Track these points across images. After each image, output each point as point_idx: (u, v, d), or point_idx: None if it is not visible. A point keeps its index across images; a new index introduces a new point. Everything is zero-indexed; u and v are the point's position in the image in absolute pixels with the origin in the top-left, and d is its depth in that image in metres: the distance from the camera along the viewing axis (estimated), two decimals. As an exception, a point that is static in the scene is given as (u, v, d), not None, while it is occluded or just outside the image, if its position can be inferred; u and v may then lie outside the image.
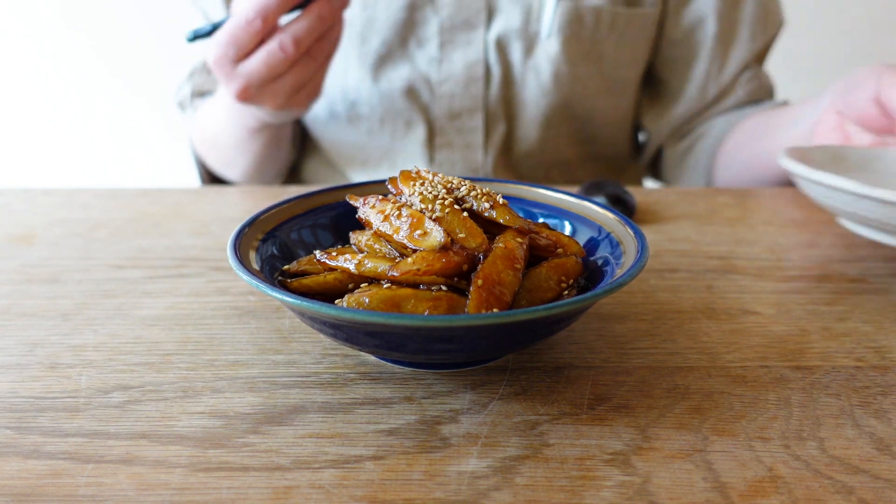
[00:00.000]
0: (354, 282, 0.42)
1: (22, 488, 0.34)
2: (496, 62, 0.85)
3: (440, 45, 0.84)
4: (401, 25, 0.84)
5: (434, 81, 0.85)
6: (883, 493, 0.34)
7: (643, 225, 0.65)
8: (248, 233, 0.45)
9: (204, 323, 0.49)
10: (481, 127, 0.88)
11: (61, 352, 0.46)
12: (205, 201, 0.72)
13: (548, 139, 0.90)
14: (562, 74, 0.86)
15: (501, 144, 0.89)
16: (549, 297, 0.42)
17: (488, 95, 0.87)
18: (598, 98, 0.89)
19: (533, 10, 0.83)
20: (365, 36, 0.84)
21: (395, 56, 0.85)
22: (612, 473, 0.35)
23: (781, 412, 0.40)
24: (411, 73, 0.85)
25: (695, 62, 0.90)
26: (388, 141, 0.88)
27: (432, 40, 0.84)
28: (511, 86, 0.87)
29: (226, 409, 0.40)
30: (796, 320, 0.50)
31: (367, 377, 0.43)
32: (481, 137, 0.88)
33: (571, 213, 0.50)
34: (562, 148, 0.92)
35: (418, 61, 0.85)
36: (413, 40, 0.85)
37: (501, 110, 0.88)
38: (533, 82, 0.86)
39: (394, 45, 0.84)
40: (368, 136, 0.89)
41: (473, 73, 0.85)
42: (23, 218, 0.68)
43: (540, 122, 0.88)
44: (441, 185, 0.45)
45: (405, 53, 0.85)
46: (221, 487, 0.34)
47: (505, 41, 0.84)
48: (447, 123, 0.87)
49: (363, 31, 0.84)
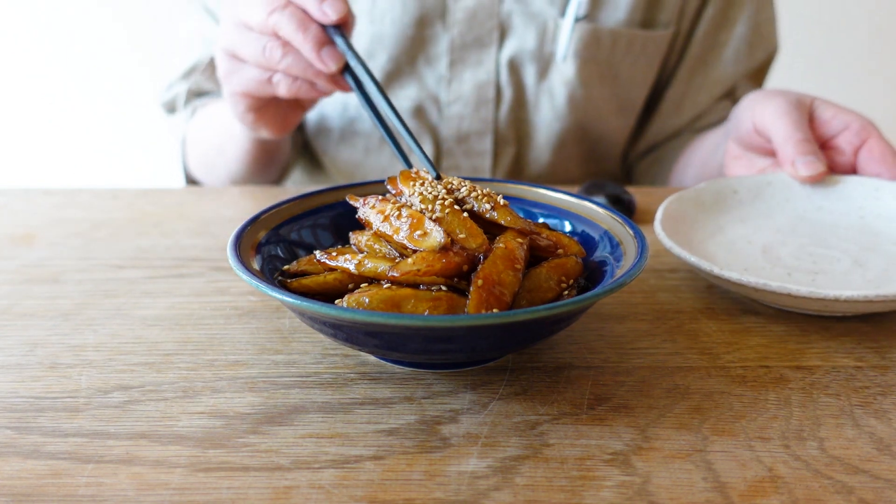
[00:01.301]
0: (354, 282, 0.42)
1: (22, 488, 0.34)
2: (508, 84, 0.83)
3: (450, 64, 0.82)
4: (409, 42, 0.81)
5: (443, 102, 0.83)
6: (883, 493, 0.34)
7: (643, 225, 0.65)
8: (248, 233, 0.45)
9: (204, 323, 0.49)
10: (490, 150, 0.85)
11: (61, 352, 0.46)
12: (205, 201, 0.72)
13: (558, 162, 0.88)
14: (577, 97, 0.83)
15: (510, 168, 0.87)
16: (549, 298, 0.42)
17: (498, 118, 0.84)
18: (609, 119, 0.88)
19: (548, 30, 0.81)
20: (371, 52, 0.82)
21: (402, 74, 0.83)
22: (612, 473, 0.35)
23: (781, 412, 0.40)
24: (419, 93, 0.83)
25: (672, 81, 0.88)
26: (388, 161, 0.87)
27: (442, 58, 0.82)
28: (523, 108, 0.85)
29: (226, 409, 0.40)
30: (796, 320, 0.50)
31: (367, 377, 0.43)
32: (489, 161, 0.86)
33: (571, 213, 0.50)
34: (571, 169, 0.90)
35: (427, 80, 0.83)
36: (422, 58, 0.82)
37: (512, 133, 0.86)
38: (546, 105, 0.84)
39: (402, 62, 0.82)
40: (365, 154, 0.87)
41: (484, 94, 0.83)
42: (23, 218, 0.68)
43: (552, 146, 0.86)
44: (442, 186, 0.45)
45: (413, 71, 0.83)
46: (221, 487, 0.34)
47: (518, 62, 0.82)
48: (455, 146, 0.85)
49: (370, 46, 0.81)
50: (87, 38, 1.81)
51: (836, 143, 0.63)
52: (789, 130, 0.61)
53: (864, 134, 0.62)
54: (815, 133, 0.63)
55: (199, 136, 0.88)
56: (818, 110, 0.64)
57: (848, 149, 0.63)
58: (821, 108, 0.64)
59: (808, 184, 0.62)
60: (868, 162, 0.62)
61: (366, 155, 0.87)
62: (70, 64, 1.82)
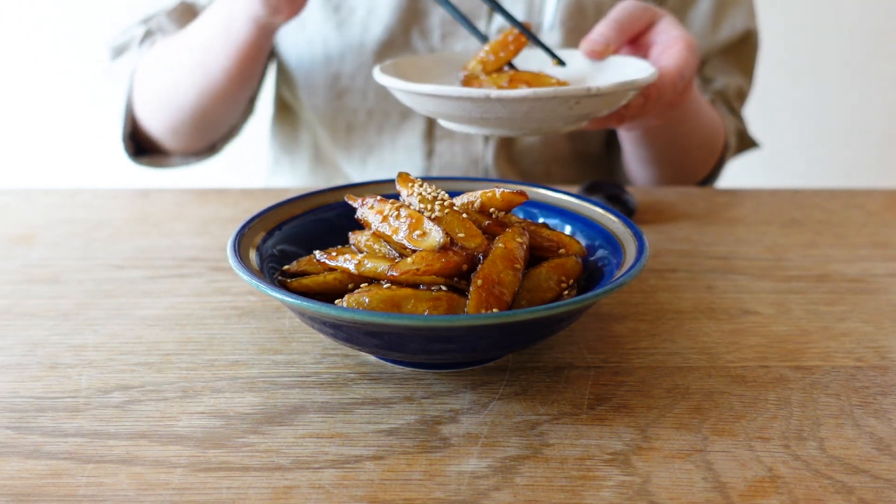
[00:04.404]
0: (354, 282, 0.42)
1: (22, 488, 0.34)
2: None
3: (442, 37, 0.84)
4: (404, 14, 0.84)
5: None
6: (883, 493, 0.34)
7: (643, 225, 0.65)
8: (248, 233, 0.45)
9: (204, 323, 0.49)
10: None
11: (61, 352, 0.46)
12: (205, 201, 0.72)
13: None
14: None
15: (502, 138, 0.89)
16: (549, 297, 0.42)
17: None
18: None
19: (535, 2, 0.83)
20: (367, 23, 0.84)
21: (397, 45, 0.85)
22: (612, 473, 0.35)
23: (781, 412, 0.40)
24: None
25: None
26: (375, 135, 0.88)
27: (435, 31, 0.84)
28: None
29: (226, 409, 0.40)
30: (796, 320, 0.50)
31: (367, 377, 0.43)
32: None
33: (571, 213, 0.50)
34: (560, 145, 0.91)
35: (420, 52, 0.85)
36: (416, 30, 0.85)
37: None
38: None
39: (396, 33, 0.84)
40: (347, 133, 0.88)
41: None
42: (23, 218, 0.68)
43: None
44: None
45: (407, 42, 0.85)
46: (221, 487, 0.34)
47: None
48: None
49: (366, 18, 0.84)
50: (87, 38, 1.81)
51: (651, 48, 0.67)
52: (607, 17, 0.66)
53: (674, 42, 0.65)
54: (644, 38, 0.67)
55: (168, 55, 0.84)
56: (659, 21, 0.67)
57: (656, 52, 0.66)
58: (661, 20, 0.67)
59: (592, 60, 0.66)
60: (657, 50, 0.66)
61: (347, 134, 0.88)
62: (70, 64, 1.82)
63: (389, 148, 0.89)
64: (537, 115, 0.56)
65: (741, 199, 0.73)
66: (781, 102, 1.73)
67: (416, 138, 0.88)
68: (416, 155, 0.88)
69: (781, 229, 0.65)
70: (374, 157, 0.89)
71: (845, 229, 0.65)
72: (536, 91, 0.53)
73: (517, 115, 0.55)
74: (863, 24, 1.77)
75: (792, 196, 0.74)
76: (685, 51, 0.64)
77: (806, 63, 1.78)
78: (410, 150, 0.88)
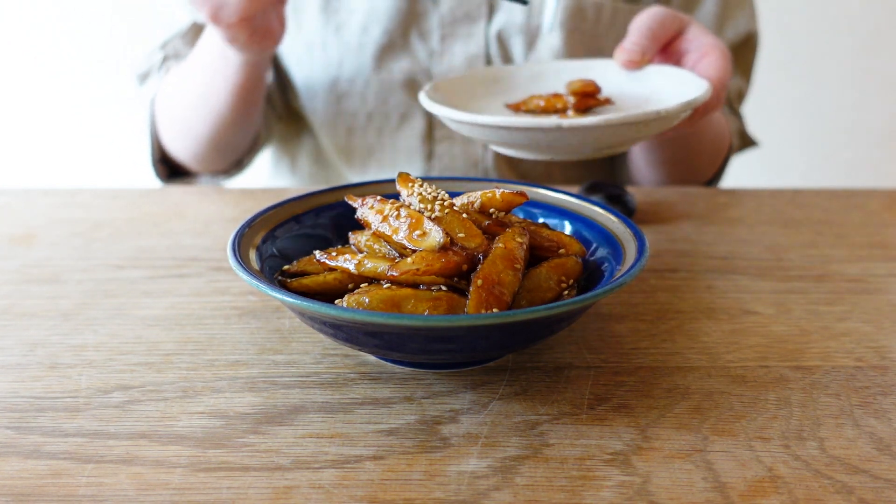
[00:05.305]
0: (354, 282, 0.42)
1: (22, 488, 0.34)
2: (497, 56, 0.85)
3: (441, 39, 0.84)
4: (403, 16, 0.84)
5: (435, 75, 0.85)
6: (883, 493, 0.34)
7: (643, 225, 0.65)
8: (248, 233, 0.45)
9: (204, 323, 0.49)
10: None
11: (61, 352, 0.46)
12: (205, 201, 0.72)
13: None
14: None
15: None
16: (549, 297, 0.42)
17: None
18: None
19: (534, 3, 0.83)
20: (366, 25, 0.84)
21: (396, 48, 0.85)
22: (612, 473, 0.35)
23: (781, 412, 0.40)
24: (412, 66, 0.85)
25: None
26: (375, 138, 0.88)
27: (434, 33, 0.84)
28: None
29: (226, 409, 0.40)
30: (796, 320, 0.50)
31: (367, 377, 0.43)
32: None
33: (571, 213, 0.50)
34: None
35: (419, 54, 0.85)
36: (415, 32, 0.84)
37: None
38: None
39: (395, 35, 0.84)
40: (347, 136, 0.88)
41: (474, 66, 0.85)
42: (23, 218, 0.68)
43: None
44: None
45: (406, 45, 0.85)
46: (221, 487, 0.34)
47: (506, 35, 0.84)
48: None
49: (365, 20, 0.84)
50: (87, 37, 1.81)
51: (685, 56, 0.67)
52: (636, 25, 0.65)
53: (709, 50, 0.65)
54: (676, 45, 0.67)
55: (177, 88, 0.86)
56: (689, 29, 0.67)
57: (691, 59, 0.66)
58: (691, 27, 0.67)
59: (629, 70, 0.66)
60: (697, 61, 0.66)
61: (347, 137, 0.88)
62: (71, 63, 1.82)
63: (390, 151, 0.89)
64: (607, 140, 0.56)
65: (741, 199, 0.73)
66: (781, 102, 1.73)
67: (416, 141, 0.88)
68: (417, 157, 0.88)
69: (781, 229, 0.65)
70: (375, 160, 0.89)
71: (845, 229, 0.65)
72: (608, 118, 0.53)
73: (587, 142, 0.55)
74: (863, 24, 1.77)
75: (792, 196, 0.74)
76: (721, 59, 0.65)
77: (806, 63, 1.78)
78: (410, 153, 0.88)
